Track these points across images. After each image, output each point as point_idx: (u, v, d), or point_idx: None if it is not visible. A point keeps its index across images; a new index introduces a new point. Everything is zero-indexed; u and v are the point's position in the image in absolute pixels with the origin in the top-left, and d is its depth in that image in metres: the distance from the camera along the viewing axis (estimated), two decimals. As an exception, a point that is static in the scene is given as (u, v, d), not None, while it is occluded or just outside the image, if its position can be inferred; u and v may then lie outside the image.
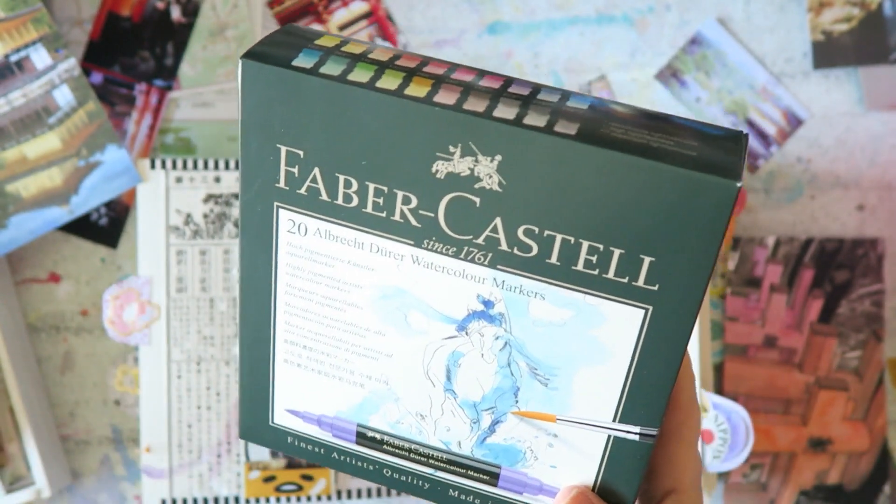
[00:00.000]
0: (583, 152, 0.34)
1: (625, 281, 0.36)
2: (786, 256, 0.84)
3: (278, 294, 0.41)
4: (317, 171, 0.37)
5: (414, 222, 0.37)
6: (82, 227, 0.81)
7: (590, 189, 0.34)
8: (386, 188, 0.37)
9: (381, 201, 0.37)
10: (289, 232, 0.39)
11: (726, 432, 0.75)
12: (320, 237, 0.39)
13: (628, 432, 0.40)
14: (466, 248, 0.37)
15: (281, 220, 0.39)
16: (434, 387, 0.41)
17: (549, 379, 0.40)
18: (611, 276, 0.36)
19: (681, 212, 0.34)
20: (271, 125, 0.37)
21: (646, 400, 0.39)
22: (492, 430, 0.42)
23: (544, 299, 0.38)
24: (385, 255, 0.39)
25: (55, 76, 0.72)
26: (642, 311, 0.37)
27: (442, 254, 0.38)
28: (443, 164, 0.36)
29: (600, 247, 0.36)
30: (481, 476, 0.43)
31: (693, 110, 0.83)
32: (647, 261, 0.35)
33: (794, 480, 0.85)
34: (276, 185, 0.38)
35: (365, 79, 0.35)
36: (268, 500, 0.79)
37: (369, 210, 0.38)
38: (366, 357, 0.41)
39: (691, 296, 0.36)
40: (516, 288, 0.38)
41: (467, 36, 0.82)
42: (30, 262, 0.81)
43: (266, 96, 0.36)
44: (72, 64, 0.72)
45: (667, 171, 0.33)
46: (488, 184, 0.36)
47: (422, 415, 0.42)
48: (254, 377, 0.44)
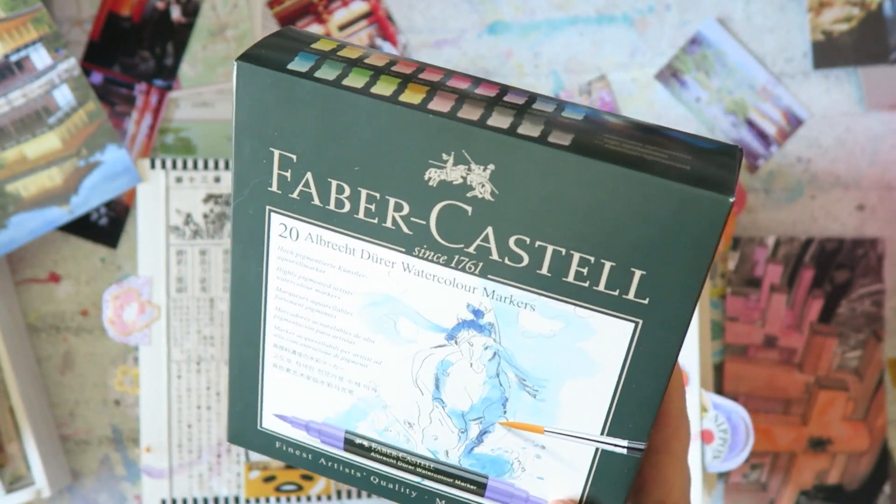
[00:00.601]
0: (576, 163, 0.34)
1: (615, 294, 0.36)
2: (786, 256, 0.83)
3: (269, 298, 0.41)
4: (309, 175, 0.37)
5: (405, 229, 0.37)
6: (82, 227, 0.81)
7: (582, 200, 0.34)
8: (378, 194, 0.37)
9: (373, 207, 0.37)
10: (280, 236, 0.39)
11: (726, 432, 0.75)
12: (312, 242, 0.39)
13: (616, 446, 0.40)
14: (457, 257, 0.37)
15: (273, 224, 0.39)
16: (422, 395, 0.41)
17: (537, 390, 0.39)
18: (601, 288, 0.36)
19: (673, 225, 0.34)
20: (265, 128, 0.37)
21: (634, 414, 0.39)
22: (479, 440, 0.42)
23: (534, 310, 0.37)
24: (376, 262, 0.38)
25: (55, 76, 0.73)
26: (632, 324, 0.37)
27: (433, 262, 0.38)
28: (435, 172, 0.35)
29: (591, 259, 0.35)
30: (468, 486, 0.43)
31: (693, 110, 0.82)
32: (638, 274, 0.35)
33: (794, 480, 0.85)
34: (269, 189, 0.38)
35: (360, 84, 0.35)
36: (268, 500, 0.79)
37: (361, 216, 0.37)
38: (355, 363, 0.41)
39: (682, 310, 0.36)
40: (506, 298, 0.38)
41: (467, 36, 0.82)
42: (30, 262, 0.81)
43: (260, 99, 0.36)
44: (72, 64, 0.73)
45: (660, 184, 0.33)
46: (480, 193, 0.35)
47: (410, 423, 0.42)
48: (243, 381, 0.44)
